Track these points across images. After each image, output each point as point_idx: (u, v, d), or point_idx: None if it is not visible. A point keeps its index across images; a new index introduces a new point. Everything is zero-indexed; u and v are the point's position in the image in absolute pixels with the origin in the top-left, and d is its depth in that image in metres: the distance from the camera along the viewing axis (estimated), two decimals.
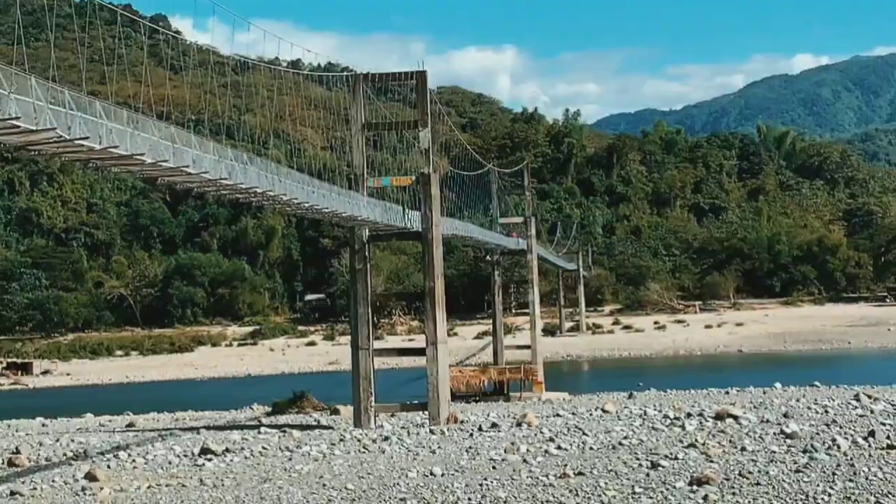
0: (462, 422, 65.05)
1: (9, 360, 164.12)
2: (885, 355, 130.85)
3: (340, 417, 69.72)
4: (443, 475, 44.95)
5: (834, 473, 40.36)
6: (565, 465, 45.69)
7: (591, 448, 51.12)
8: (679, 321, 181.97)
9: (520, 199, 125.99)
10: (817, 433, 52.26)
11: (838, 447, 47.25)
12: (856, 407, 62.31)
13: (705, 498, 36.52)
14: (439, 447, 54.45)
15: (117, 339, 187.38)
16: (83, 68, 63.66)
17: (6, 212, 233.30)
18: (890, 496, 34.29)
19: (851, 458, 43.98)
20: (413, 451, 53.33)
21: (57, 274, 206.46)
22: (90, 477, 49.31)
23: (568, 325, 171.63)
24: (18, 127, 37.28)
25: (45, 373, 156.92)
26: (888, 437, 48.98)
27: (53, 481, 49.47)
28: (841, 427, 54.33)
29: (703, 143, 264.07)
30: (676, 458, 46.22)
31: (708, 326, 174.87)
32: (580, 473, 43.26)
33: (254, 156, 63.97)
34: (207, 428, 67.25)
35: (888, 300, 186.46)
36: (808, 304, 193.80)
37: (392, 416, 68.84)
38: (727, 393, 75.17)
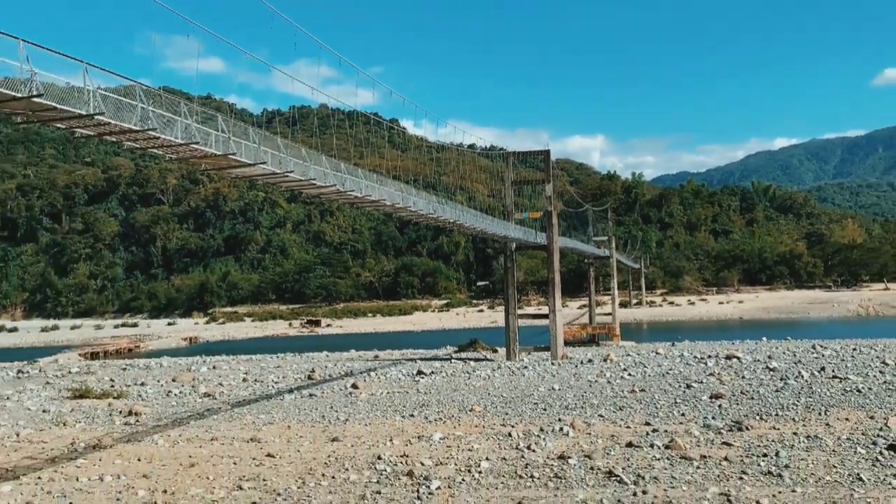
0: (570, 358, 65.57)
1: (307, 318, 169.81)
2: (831, 322, 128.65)
3: (498, 354, 70.65)
4: (559, 389, 45.80)
5: (799, 392, 40.56)
6: (633, 385, 46.27)
7: (649, 375, 51.40)
8: (703, 300, 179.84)
9: (605, 226, 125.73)
10: (789, 368, 51.85)
11: (802, 376, 47.02)
12: (813, 352, 61.69)
13: (720, 406, 37.07)
14: (556, 373, 55.21)
15: (369, 307, 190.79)
16: (351, 150, 66.27)
17: (306, 233, 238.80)
18: (833, 407, 34.45)
19: (811, 383, 43.88)
20: (541, 375, 54.15)
21: (334, 268, 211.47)
22: (354, 386, 51.08)
23: (634, 301, 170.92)
24: (314, 184, 39.21)
25: (327, 326, 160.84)
26: (833, 371, 48.40)
27: (333, 389, 51.17)
28: (804, 364, 53.75)
29: (718, 193, 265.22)
30: (701, 382, 46.42)
31: (720, 303, 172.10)
32: (643, 390, 43.79)
33: (447, 200, 65.60)
34: (421, 359, 68.49)
35: (832, 288, 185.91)
36: (783, 290, 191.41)
37: (528, 354, 69.53)
38: (733, 343, 74.25)
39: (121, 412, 42.65)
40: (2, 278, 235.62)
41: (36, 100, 22.07)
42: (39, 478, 27.08)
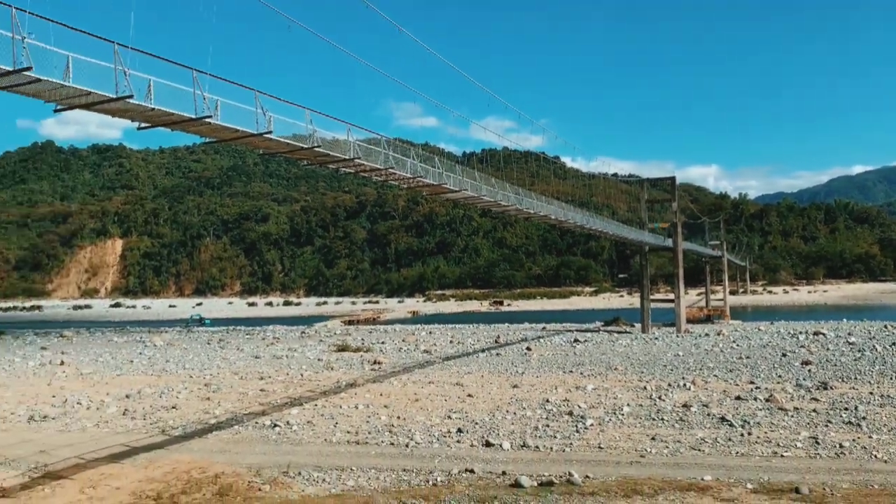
0: (690, 332, 62.85)
1: (494, 299, 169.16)
2: None
3: (635, 329, 68.61)
4: (682, 355, 44.17)
5: (874, 361, 37.59)
6: (741, 354, 44.00)
7: (752, 346, 48.64)
8: (795, 290, 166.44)
9: (718, 233, 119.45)
10: (865, 342, 47.82)
11: (876, 349, 43.32)
12: (885, 331, 56.52)
13: (809, 370, 34.85)
14: (680, 343, 53.09)
15: (537, 292, 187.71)
16: (525, 180, 66.29)
17: (493, 238, 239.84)
18: None
19: (883, 355, 40.41)
20: (668, 344, 52.27)
21: (513, 264, 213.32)
22: (528, 349, 50.74)
23: (740, 291, 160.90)
24: (500, 203, 39.48)
25: (508, 305, 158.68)
26: None
27: (513, 350, 50.99)
28: (877, 340, 49.41)
29: (807, 208, 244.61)
30: (794, 352, 43.60)
31: (809, 292, 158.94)
32: (748, 357, 41.64)
33: (596, 215, 64.45)
34: (576, 331, 67.38)
35: None
36: (860, 282, 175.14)
37: (658, 328, 67.17)
38: (819, 323, 68.88)
39: (368, 361, 44.32)
40: (291, 269, 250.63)
41: (316, 149, 23.31)
42: (316, 404, 28.55)
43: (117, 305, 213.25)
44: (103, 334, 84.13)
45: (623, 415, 24.54)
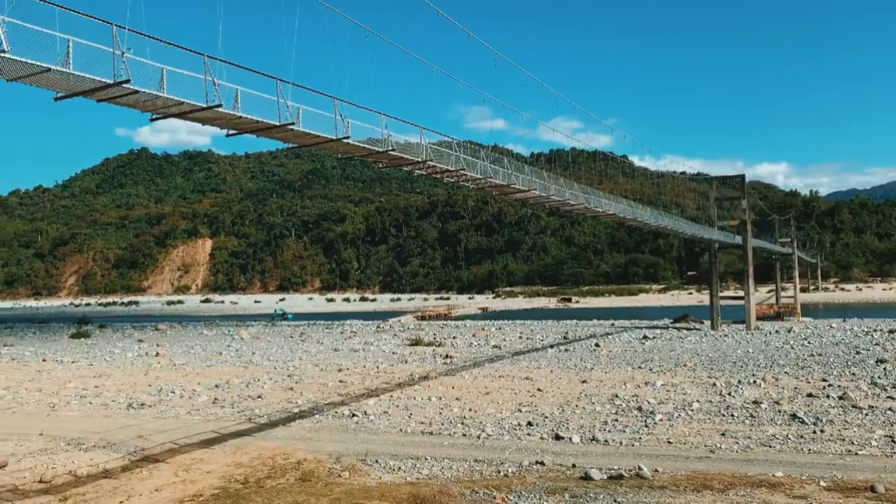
0: (760, 329, 60.67)
1: (562, 296, 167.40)
2: None
3: (704, 325, 66.71)
4: (752, 352, 42.69)
5: None
6: (812, 351, 42.24)
7: (824, 343, 46.62)
8: (868, 287, 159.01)
9: (788, 230, 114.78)
10: None
11: None
12: None
13: (885, 368, 33.11)
14: (750, 340, 51.31)
15: (606, 289, 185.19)
16: (593, 180, 65.42)
17: (561, 237, 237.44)
18: None
19: None
20: (738, 341, 50.61)
21: (580, 261, 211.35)
22: (596, 345, 49.58)
23: (811, 288, 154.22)
24: (568, 202, 39.03)
25: (576, 302, 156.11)
26: None
27: (581, 346, 50.19)
28: None
29: (881, 204, 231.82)
30: (868, 349, 41.55)
31: (884, 289, 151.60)
32: (820, 354, 39.91)
33: (665, 213, 62.96)
34: (645, 327, 65.97)
35: None
36: None
37: (728, 325, 65.11)
38: (895, 321, 65.73)
39: (440, 355, 44.54)
40: (367, 267, 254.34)
41: (391, 152, 23.60)
42: (391, 396, 28.89)
43: (207, 301, 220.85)
44: (194, 328, 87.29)
45: (692, 410, 23.90)
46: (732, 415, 23.03)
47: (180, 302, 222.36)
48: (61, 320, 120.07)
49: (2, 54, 13.16)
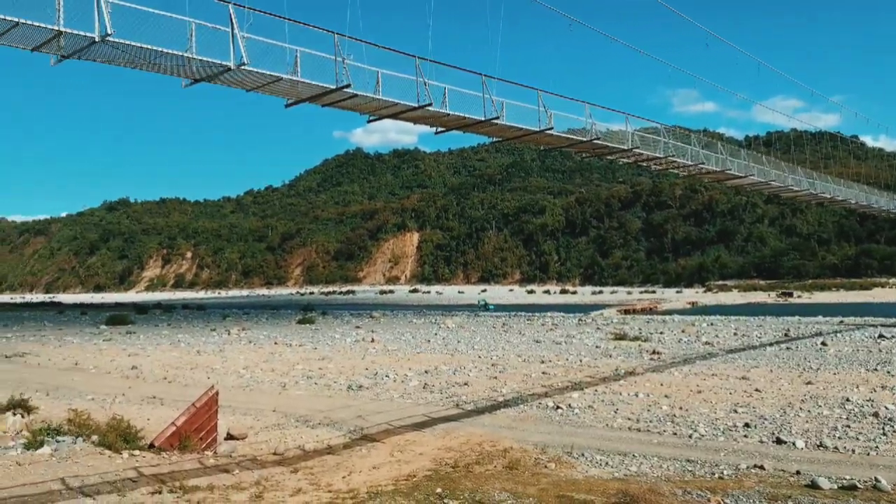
0: None
1: (781, 290, 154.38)
2: None
3: None
4: None
5: None
6: None
7: None
8: None
9: None
10: None
11: None
12: None
13: None
14: None
15: (832, 283, 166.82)
16: (821, 166, 59.31)
17: (780, 226, 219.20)
18: None
19: None
20: None
21: (803, 253, 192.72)
22: (823, 343, 44.47)
23: None
24: (791, 188, 35.97)
25: (798, 297, 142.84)
26: None
27: (805, 344, 45.06)
28: None
29: None
30: None
31: None
32: None
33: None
34: (881, 325, 58.37)
35: None
36: None
37: None
38: None
39: (647, 351, 43.07)
40: (567, 259, 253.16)
41: (595, 141, 23.23)
42: (595, 390, 28.48)
43: (415, 291, 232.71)
44: (404, 316, 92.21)
45: None
46: None
47: (391, 291, 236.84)
48: (289, 307, 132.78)
49: (243, 67, 14.77)
